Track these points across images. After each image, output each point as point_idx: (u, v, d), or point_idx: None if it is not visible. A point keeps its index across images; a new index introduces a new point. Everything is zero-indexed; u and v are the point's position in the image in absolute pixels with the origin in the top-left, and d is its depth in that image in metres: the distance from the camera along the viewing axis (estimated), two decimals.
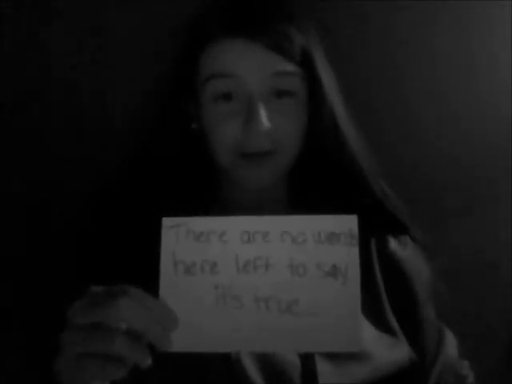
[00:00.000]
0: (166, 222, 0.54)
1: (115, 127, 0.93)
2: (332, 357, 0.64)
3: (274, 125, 0.68)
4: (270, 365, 0.63)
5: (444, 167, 1.02)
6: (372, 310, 0.69)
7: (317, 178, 0.76)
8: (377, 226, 0.74)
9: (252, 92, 0.67)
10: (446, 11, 0.98)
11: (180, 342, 0.52)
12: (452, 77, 1.01)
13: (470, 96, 1.01)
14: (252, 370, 0.63)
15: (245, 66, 0.67)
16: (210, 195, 0.77)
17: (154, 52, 0.92)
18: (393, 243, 0.76)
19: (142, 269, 0.59)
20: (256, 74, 0.67)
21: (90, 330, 0.48)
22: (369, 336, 0.67)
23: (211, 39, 0.69)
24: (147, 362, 0.49)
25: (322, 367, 0.64)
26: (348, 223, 0.53)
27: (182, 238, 0.53)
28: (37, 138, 0.91)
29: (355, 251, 0.52)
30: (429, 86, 1.00)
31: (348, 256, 0.52)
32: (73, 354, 0.49)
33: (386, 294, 0.72)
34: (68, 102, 0.92)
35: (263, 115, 0.67)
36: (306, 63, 0.70)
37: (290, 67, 0.69)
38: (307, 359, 0.64)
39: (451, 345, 0.75)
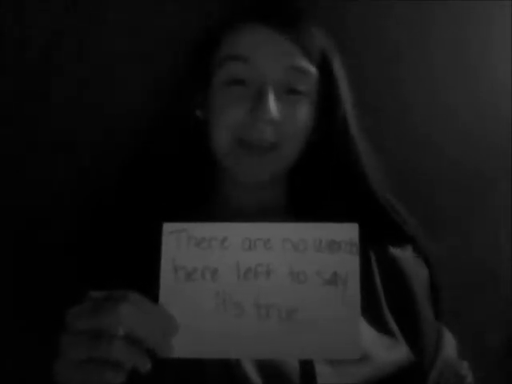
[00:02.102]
0: (167, 227, 0.53)
1: (115, 127, 0.93)
2: None
3: (281, 118, 0.68)
4: (268, 366, 0.63)
5: (444, 167, 1.02)
6: (371, 310, 0.69)
7: (318, 182, 0.76)
8: (378, 233, 0.74)
9: (266, 79, 0.68)
10: (446, 11, 0.98)
11: (180, 347, 0.52)
12: (451, 77, 1.00)
13: (470, 96, 1.01)
14: (251, 370, 0.63)
15: (264, 52, 0.68)
16: (209, 195, 0.77)
17: (155, 52, 0.92)
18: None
19: (142, 273, 0.59)
20: (273, 62, 0.68)
21: (89, 336, 0.49)
22: (368, 337, 0.67)
23: (237, 23, 0.70)
24: (147, 367, 0.50)
25: (321, 368, 0.64)
26: (349, 231, 0.53)
27: (183, 243, 0.53)
28: (36, 138, 0.91)
29: (356, 259, 0.53)
30: (428, 86, 1.00)
31: (348, 264, 0.53)
32: (72, 359, 0.49)
33: (384, 294, 0.72)
34: (68, 101, 0.92)
35: (272, 104, 0.67)
36: (324, 65, 0.71)
37: (308, 66, 0.69)
38: (306, 360, 0.64)
39: (450, 345, 0.75)
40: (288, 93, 0.69)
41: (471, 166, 1.02)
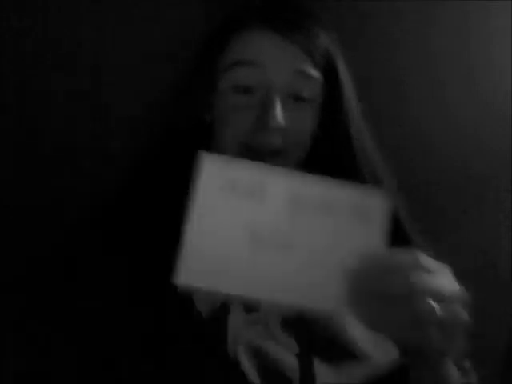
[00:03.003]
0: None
1: (118, 132, 0.93)
2: (329, 358, 0.65)
3: (287, 125, 0.68)
4: (267, 365, 0.64)
5: (443, 167, 1.02)
6: None
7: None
8: None
9: (272, 86, 0.67)
10: (446, 12, 0.98)
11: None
12: (451, 77, 1.01)
13: (470, 96, 1.01)
14: (250, 370, 0.63)
15: (270, 56, 0.68)
16: None
17: (155, 53, 0.92)
18: None
19: None
20: (280, 66, 0.68)
21: None
22: (366, 337, 0.67)
23: (242, 27, 0.69)
24: None
25: (320, 368, 0.64)
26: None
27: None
28: (39, 138, 0.91)
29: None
30: (428, 87, 1.00)
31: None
32: None
33: None
34: (69, 103, 0.92)
35: (279, 111, 0.67)
36: (329, 69, 0.71)
37: (313, 71, 0.69)
38: (305, 359, 0.64)
39: None
40: (294, 99, 0.69)
41: (471, 166, 1.02)
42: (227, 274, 0.50)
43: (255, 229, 0.51)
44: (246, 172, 0.52)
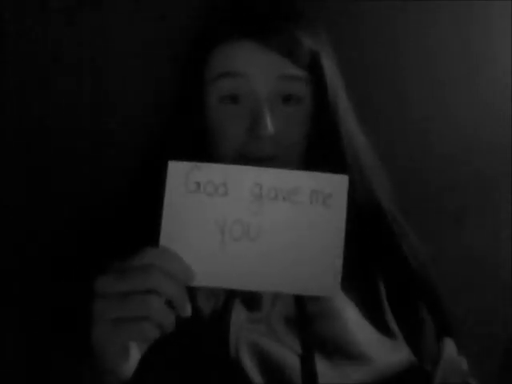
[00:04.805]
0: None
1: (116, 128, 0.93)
2: (332, 358, 0.65)
3: (278, 130, 0.68)
4: (269, 364, 0.63)
5: (443, 167, 1.02)
6: (372, 311, 0.69)
7: None
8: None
9: (259, 95, 0.68)
10: (446, 11, 0.98)
11: None
12: (451, 77, 1.01)
13: (470, 96, 1.01)
14: (251, 369, 0.63)
15: (253, 65, 0.68)
16: None
17: (156, 54, 0.92)
18: None
19: None
20: (263, 74, 0.68)
21: (122, 297, 0.49)
22: (369, 339, 0.67)
23: (221, 40, 0.69)
24: (173, 323, 0.51)
25: (321, 369, 0.64)
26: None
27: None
28: (39, 138, 0.91)
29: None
30: (428, 87, 1.00)
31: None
32: (107, 320, 0.50)
33: (386, 294, 0.72)
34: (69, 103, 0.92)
35: (269, 120, 0.67)
36: (314, 68, 0.71)
37: (297, 71, 0.69)
38: (307, 360, 0.64)
39: (450, 344, 0.75)
40: (283, 101, 0.69)
41: (471, 166, 1.02)
42: (202, 268, 0.53)
43: (223, 223, 0.54)
44: (209, 172, 0.54)
